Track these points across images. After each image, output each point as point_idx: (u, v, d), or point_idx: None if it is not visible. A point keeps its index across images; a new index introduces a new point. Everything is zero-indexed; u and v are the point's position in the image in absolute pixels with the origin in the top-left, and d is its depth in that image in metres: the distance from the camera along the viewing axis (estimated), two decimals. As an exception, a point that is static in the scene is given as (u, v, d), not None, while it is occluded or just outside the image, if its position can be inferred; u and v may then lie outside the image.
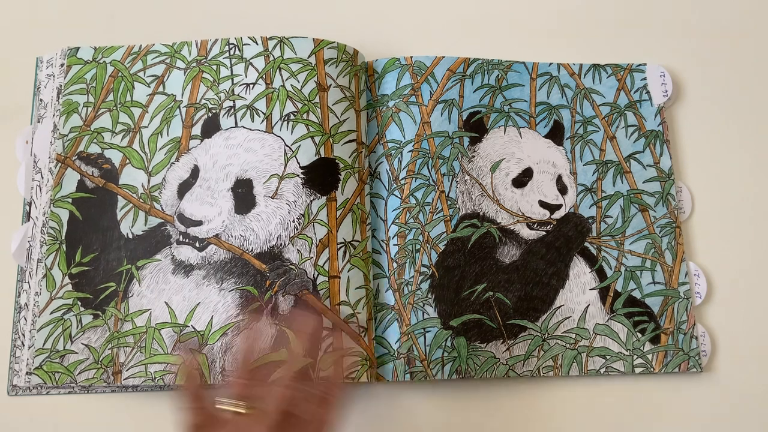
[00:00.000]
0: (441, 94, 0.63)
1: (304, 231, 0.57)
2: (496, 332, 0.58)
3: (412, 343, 0.57)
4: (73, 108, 0.61)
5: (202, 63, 0.62)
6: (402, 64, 0.63)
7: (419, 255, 0.59)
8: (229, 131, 0.60)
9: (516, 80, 0.65)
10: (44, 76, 0.63)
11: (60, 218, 0.58)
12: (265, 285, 0.56)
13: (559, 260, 0.61)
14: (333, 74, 0.61)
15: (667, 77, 0.66)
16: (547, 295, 0.60)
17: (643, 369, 0.58)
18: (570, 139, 0.64)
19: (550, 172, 0.63)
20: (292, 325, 0.51)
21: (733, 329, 0.60)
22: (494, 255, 0.60)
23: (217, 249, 0.57)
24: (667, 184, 0.63)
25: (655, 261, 0.61)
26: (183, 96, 0.61)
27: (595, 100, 0.65)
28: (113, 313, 0.57)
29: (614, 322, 0.59)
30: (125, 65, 0.62)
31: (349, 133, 0.60)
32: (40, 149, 0.61)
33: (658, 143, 0.64)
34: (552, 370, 0.58)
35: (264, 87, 0.60)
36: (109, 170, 0.60)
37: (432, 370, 0.56)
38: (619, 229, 0.62)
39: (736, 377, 0.59)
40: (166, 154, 0.60)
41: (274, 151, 0.58)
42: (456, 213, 0.61)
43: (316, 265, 0.56)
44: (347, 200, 0.58)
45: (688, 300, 0.60)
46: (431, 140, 0.62)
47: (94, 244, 0.58)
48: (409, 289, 0.58)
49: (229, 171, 0.58)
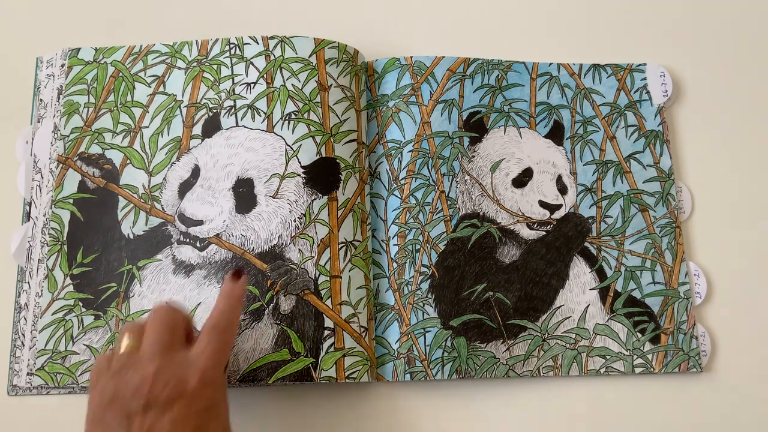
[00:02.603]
0: (441, 94, 0.63)
1: (305, 231, 0.57)
2: (496, 332, 0.58)
3: (412, 343, 0.57)
4: (74, 109, 0.61)
5: (202, 63, 0.62)
6: (402, 64, 0.63)
7: (419, 255, 0.59)
8: (230, 131, 0.60)
9: (516, 80, 0.65)
10: (44, 76, 0.63)
11: (61, 219, 0.58)
12: (266, 285, 0.56)
13: (559, 260, 0.61)
14: (334, 74, 0.61)
15: (667, 77, 0.66)
16: (547, 295, 0.60)
17: (643, 369, 0.58)
18: (570, 139, 0.64)
19: (550, 172, 0.63)
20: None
21: (733, 329, 0.60)
22: (494, 255, 0.60)
23: (218, 249, 0.57)
24: (667, 184, 0.63)
25: (655, 261, 0.61)
26: (183, 96, 0.61)
27: (595, 100, 0.65)
28: (114, 314, 0.57)
29: (614, 322, 0.60)
30: (126, 65, 0.62)
31: (349, 132, 0.60)
32: (41, 149, 0.61)
33: (658, 143, 0.64)
34: (552, 370, 0.58)
35: (265, 86, 0.60)
36: (110, 170, 0.60)
37: (432, 370, 0.57)
38: (619, 229, 0.62)
39: (736, 377, 0.59)
40: (166, 153, 0.60)
41: (275, 151, 0.58)
42: (456, 213, 0.61)
43: (318, 265, 0.56)
44: (348, 200, 0.58)
45: (688, 300, 0.60)
46: (431, 140, 0.62)
47: (95, 245, 0.58)
48: (409, 289, 0.58)
49: (230, 170, 0.58)
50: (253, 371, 0.54)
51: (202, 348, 0.46)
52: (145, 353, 0.45)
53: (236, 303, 0.49)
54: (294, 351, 0.54)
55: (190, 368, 0.45)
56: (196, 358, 0.46)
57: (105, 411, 0.43)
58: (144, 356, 0.45)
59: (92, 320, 0.57)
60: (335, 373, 0.54)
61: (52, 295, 0.57)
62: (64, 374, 0.56)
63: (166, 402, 0.43)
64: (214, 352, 0.46)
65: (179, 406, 0.43)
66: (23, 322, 0.58)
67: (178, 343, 0.47)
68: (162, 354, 0.45)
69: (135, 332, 0.47)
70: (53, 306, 0.57)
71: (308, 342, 0.55)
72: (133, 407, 0.43)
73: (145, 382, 0.43)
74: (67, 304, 0.57)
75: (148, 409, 0.43)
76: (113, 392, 0.44)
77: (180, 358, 0.46)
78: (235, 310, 0.49)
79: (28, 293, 0.58)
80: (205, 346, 0.46)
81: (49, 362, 0.56)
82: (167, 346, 0.46)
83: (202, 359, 0.46)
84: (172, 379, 0.44)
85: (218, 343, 0.47)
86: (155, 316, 0.47)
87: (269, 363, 0.54)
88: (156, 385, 0.43)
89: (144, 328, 0.47)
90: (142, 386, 0.43)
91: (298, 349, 0.54)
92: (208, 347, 0.46)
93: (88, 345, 0.56)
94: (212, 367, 0.46)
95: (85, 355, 0.56)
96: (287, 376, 0.54)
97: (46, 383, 0.56)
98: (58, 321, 0.57)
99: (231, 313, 0.49)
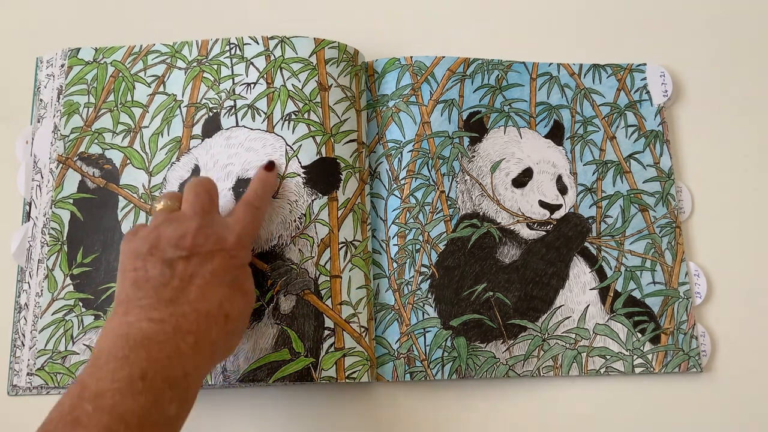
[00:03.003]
0: (441, 94, 0.63)
1: (305, 231, 0.57)
2: (496, 332, 0.58)
3: (412, 343, 0.57)
4: (74, 109, 0.61)
5: (202, 63, 0.62)
6: (402, 64, 0.63)
7: (419, 255, 0.59)
8: (230, 131, 0.60)
9: (516, 80, 0.65)
10: (44, 76, 0.63)
11: (61, 219, 0.58)
12: (266, 285, 0.56)
13: (559, 260, 0.61)
14: (334, 74, 0.61)
15: (667, 77, 0.66)
16: (547, 295, 0.60)
17: (643, 369, 0.58)
18: (570, 139, 0.64)
19: (550, 172, 0.63)
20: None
21: (733, 329, 0.60)
22: (494, 255, 0.60)
23: (217, 249, 0.57)
24: (667, 184, 0.63)
25: (655, 261, 0.61)
26: (184, 96, 0.61)
27: (595, 100, 0.65)
28: (114, 314, 0.57)
29: (614, 322, 0.60)
30: (126, 65, 0.62)
31: (350, 132, 0.60)
32: (41, 149, 0.61)
33: (658, 143, 0.64)
34: (552, 370, 0.58)
35: (265, 86, 0.60)
36: (110, 170, 0.60)
37: (432, 370, 0.57)
38: (619, 229, 0.62)
39: (736, 377, 0.59)
40: (166, 153, 0.60)
41: (275, 151, 0.58)
42: (456, 213, 0.61)
43: (318, 265, 0.56)
44: (348, 200, 0.58)
45: (688, 300, 0.60)
46: (431, 140, 0.62)
47: (95, 245, 0.58)
48: (409, 289, 0.58)
49: (230, 170, 0.58)
50: (254, 371, 0.54)
51: (237, 217, 0.51)
52: (186, 211, 0.49)
53: (269, 188, 0.55)
54: (294, 351, 0.54)
55: (228, 230, 0.49)
56: (233, 223, 0.50)
57: (145, 259, 0.46)
58: (186, 214, 0.49)
59: (92, 320, 0.57)
60: (335, 373, 0.54)
61: (52, 295, 0.57)
62: (64, 374, 0.56)
63: (208, 253, 0.47)
64: (247, 222, 0.51)
65: (219, 258, 0.48)
66: (23, 322, 0.58)
67: (216, 208, 0.51)
68: (203, 214, 0.49)
69: (173, 197, 0.51)
70: (53, 306, 0.57)
71: (308, 342, 0.55)
72: (176, 255, 0.46)
73: (188, 234, 0.47)
74: (67, 304, 0.57)
75: (191, 257, 0.46)
76: (155, 241, 0.47)
77: (219, 219, 0.50)
78: (268, 194, 0.55)
79: (28, 293, 0.58)
80: (241, 216, 0.51)
81: (49, 362, 0.56)
82: (207, 208, 0.50)
83: (238, 226, 0.50)
84: (213, 235, 0.48)
85: (251, 216, 0.52)
86: (193, 184, 0.51)
87: (269, 363, 0.54)
88: (198, 238, 0.47)
89: (181, 195, 0.51)
90: (185, 238, 0.47)
91: (299, 349, 0.54)
92: (244, 217, 0.51)
93: (88, 345, 0.56)
94: (246, 235, 0.51)
95: (85, 355, 0.56)
96: (287, 376, 0.54)
97: (46, 383, 0.56)
98: (58, 321, 0.57)
99: (264, 195, 0.54)
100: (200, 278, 0.46)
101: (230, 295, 0.47)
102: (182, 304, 0.45)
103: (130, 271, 0.46)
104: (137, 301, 0.45)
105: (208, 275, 0.47)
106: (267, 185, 0.55)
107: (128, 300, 0.45)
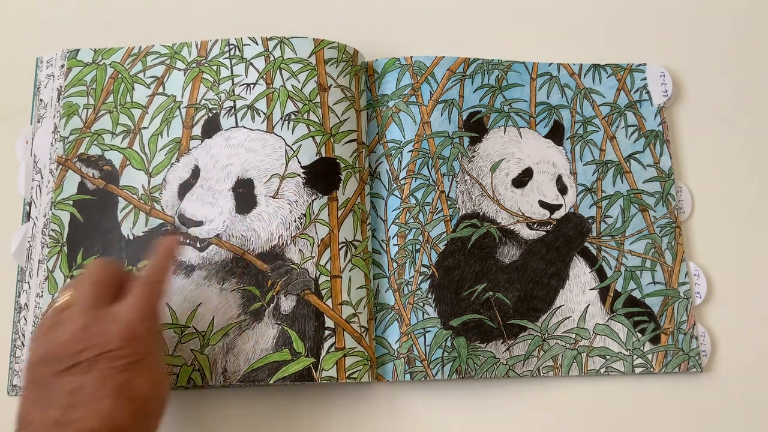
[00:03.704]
0: (441, 94, 0.63)
1: (305, 231, 0.57)
2: (496, 332, 0.58)
3: (412, 343, 0.57)
4: (74, 110, 0.61)
5: (202, 63, 0.62)
6: (402, 64, 0.63)
7: (419, 255, 0.59)
8: (230, 131, 0.60)
9: (516, 80, 0.65)
10: (44, 77, 0.63)
11: (61, 220, 0.58)
12: (266, 285, 0.56)
13: (559, 260, 0.61)
14: (333, 74, 0.61)
15: (667, 77, 0.66)
16: (547, 295, 0.60)
17: (643, 369, 0.58)
18: (570, 139, 0.64)
19: (550, 172, 0.63)
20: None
21: (733, 329, 0.60)
22: (494, 255, 0.60)
23: (218, 249, 0.57)
24: (667, 184, 0.63)
25: (655, 261, 0.61)
26: (183, 97, 0.61)
27: (595, 100, 0.65)
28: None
29: (614, 322, 0.60)
30: (125, 66, 0.62)
31: (349, 132, 0.60)
32: (41, 149, 0.61)
33: (658, 143, 0.64)
34: (552, 370, 0.58)
35: (264, 87, 0.60)
36: (110, 172, 0.60)
37: (432, 370, 0.57)
38: (619, 229, 0.62)
39: (736, 377, 0.59)
40: (166, 154, 0.60)
41: (275, 151, 0.58)
42: (456, 213, 0.61)
43: (318, 265, 0.56)
44: (348, 200, 0.58)
45: (688, 300, 0.60)
46: (431, 140, 0.62)
47: (95, 246, 0.58)
48: (409, 289, 0.58)
49: (230, 171, 0.58)
50: (254, 371, 0.54)
51: (130, 301, 0.46)
52: (75, 308, 0.45)
53: (168, 256, 0.50)
54: (295, 351, 0.54)
55: (113, 324, 0.45)
56: (122, 311, 0.45)
57: (40, 369, 0.44)
58: (75, 311, 0.45)
59: (92, 321, 0.57)
60: (336, 373, 0.54)
61: (52, 296, 0.57)
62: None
63: (90, 360, 0.43)
64: (142, 303, 0.46)
65: (101, 364, 0.43)
66: (23, 322, 0.58)
67: (108, 296, 0.46)
68: (90, 308, 0.45)
69: (71, 287, 0.47)
70: (53, 307, 0.57)
71: (309, 342, 0.55)
72: (62, 366, 0.43)
73: (73, 339, 0.44)
74: (68, 305, 0.57)
75: (75, 366, 0.43)
76: (46, 350, 0.44)
77: (105, 313, 0.45)
78: (167, 263, 0.50)
79: (28, 293, 0.58)
80: (134, 298, 0.46)
81: (49, 363, 0.56)
82: (96, 300, 0.46)
83: (128, 312, 0.45)
84: (96, 336, 0.44)
85: (147, 294, 0.47)
86: (86, 271, 0.48)
87: (270, 363, 0.54)
88: (79, 342, 0.43)
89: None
90: (70, 344, 0.43)
91: (299, 349, 0.54)
92: (137, 299, 0.46)
93: (88, 346, 0.56)
94: (139, 319, 0.46)
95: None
96: (288, 376, 0.54)
97: (47, 384, 0.56)
98: (59, 322, 0.57)
99: (162, 266, 0.49)
100: (85, 391, 0.43)
101: (116, 406, 0.43)
102: (66, 427, 0.42)
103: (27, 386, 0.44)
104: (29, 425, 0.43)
105: (90, 388, 0.43)
106: (166, 252, 0.50)
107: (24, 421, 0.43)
